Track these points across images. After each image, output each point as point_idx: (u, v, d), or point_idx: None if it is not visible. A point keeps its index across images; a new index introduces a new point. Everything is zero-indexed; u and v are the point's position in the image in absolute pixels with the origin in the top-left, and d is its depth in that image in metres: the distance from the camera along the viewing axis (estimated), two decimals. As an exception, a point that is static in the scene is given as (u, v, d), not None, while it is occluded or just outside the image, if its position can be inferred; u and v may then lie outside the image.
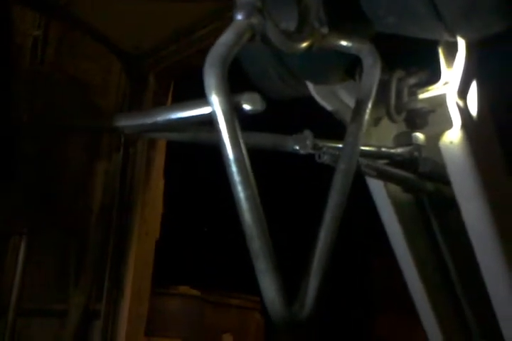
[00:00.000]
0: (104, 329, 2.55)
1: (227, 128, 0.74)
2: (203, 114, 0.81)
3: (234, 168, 0.73)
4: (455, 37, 0.99)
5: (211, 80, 0.74)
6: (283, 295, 0.73)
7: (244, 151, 0.74)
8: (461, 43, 1.04)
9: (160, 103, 2.92)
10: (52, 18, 2.30)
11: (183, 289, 3.75)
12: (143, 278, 2.74)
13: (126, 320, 2.62)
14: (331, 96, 1.21)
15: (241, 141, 0.74)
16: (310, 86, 1.20)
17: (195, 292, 3.79)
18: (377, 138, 1.23)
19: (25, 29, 2.22)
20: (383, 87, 1.12)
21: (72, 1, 2.28)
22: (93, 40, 2.50)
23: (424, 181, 1.17)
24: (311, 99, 1.22)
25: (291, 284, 0.81)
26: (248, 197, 0.73)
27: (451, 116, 1.05)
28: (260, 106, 0.76)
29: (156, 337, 3.41)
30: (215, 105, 0.74)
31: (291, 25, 0.93)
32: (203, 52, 0.79)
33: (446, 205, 1.19)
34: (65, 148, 2.33)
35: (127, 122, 0.94)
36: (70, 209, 2.37)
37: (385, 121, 1.20)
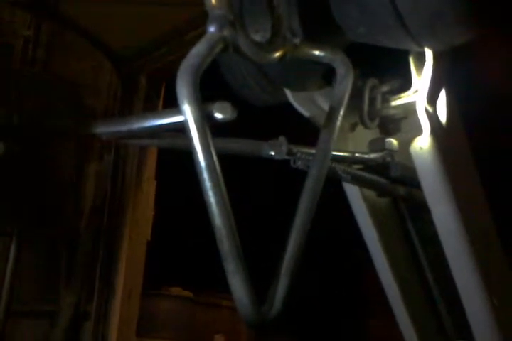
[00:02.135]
0: (95, 330, 2.56)
1: (199, 136, 0.77)
2: (177, 122, 0.84)
3: (205, 175, 0.76)
4: (422, 47, 1.02)
5: (183, 90, 0.77)
6: (252, 295, 0.76)
7: (215, 158, 0.77)
8: (429, 53, 1.07)
9: (152, 104, 2.95)
10: (43, 19, 2.31)
11: (175, 290, 3.76)
12: (134, 280, 2.75)
13: (118, 321, 2.63)
14: (308, 103, 1.23)
15: (212, 148, 0.77)
16: (288, 93, 1.23)
17: (186, 293, 3.80)
18: (354, 143, 1.26)
19: (16, 29, 2.23)
20: (358, 93, 1.15)
21: (63, 1, 2.30)
22: (84, 41, 2.51)
23: (396, 185, 1.21)
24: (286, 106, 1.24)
25: (264, 286, 0.84)
26: (218, 202, 0.76)
27: (421, 122, 1.08)
28: (230, 114, 0.79)
29: (147, 338, 3.42)
30: (187, 114, 0.77)
31: (267, 35, 0.96)
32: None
33: (422, 209, 1.22)
34: (55, 148, 2.34)
35: (103, 129, 0.97)
36: (60, 210, 2.38)
37: (362, 127, 1.23)
